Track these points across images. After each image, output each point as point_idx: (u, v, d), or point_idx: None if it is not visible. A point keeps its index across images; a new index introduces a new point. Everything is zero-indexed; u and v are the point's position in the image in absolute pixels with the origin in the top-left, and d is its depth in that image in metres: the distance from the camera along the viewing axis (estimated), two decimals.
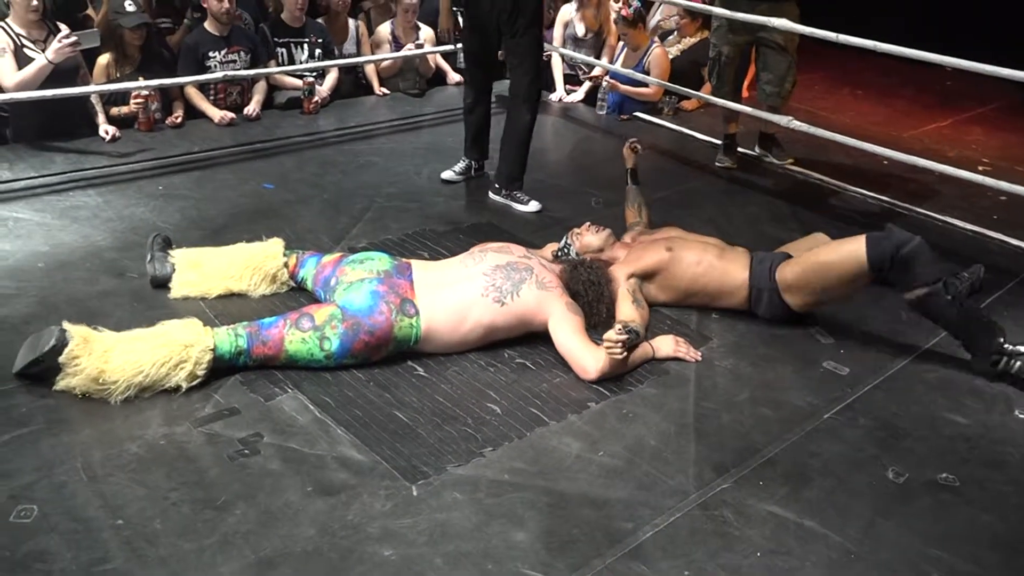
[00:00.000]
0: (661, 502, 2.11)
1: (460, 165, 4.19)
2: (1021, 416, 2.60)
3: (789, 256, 2.94)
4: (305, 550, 1.89)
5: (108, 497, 2.00)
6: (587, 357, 2.57)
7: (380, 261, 2.72)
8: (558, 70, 5.73)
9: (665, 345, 2.76)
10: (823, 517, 2.11)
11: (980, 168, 4.53)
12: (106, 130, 4.26)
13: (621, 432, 2.38)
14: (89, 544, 1.87)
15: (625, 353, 2.54)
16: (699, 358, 2.75)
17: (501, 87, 4.48)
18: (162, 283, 2.89)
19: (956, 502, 2.22)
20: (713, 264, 2.95)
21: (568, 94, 5.68)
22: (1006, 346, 2.70)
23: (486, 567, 1.88)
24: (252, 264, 2.91)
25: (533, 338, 2.74)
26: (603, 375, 2.56)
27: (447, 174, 4.15)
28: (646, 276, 2.96)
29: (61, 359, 2.28)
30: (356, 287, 2.59)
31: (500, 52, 4.01)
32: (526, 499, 2.09)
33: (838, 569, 1.96)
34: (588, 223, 3.17)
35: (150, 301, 2.85)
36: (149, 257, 2.92)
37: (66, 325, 2.33)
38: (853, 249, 2.68)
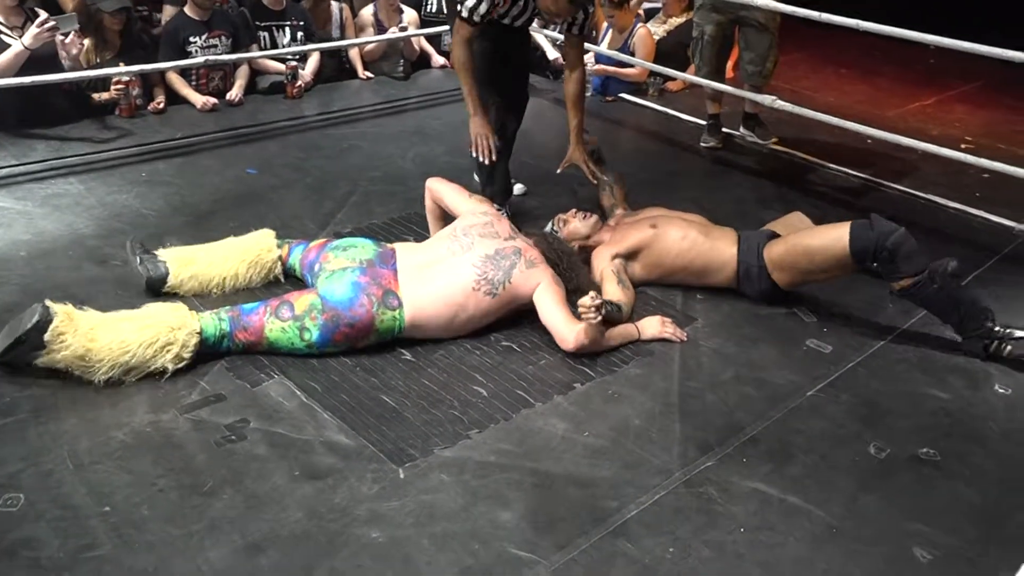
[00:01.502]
0: (646, 481, 2.13)
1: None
2: (1001, 391, 2.63)
3: (775, 235, 2.96)
4: (293, 533, 1.90)
5: (95, 484, 2.00)
6: (567, 327, 2.58)
7: (364, 249, 2.70)
8: (544, 42, 5.68)
9: (651, 326, 2.77)
10: (806, 493, 2.13)
11: (963, 146, 4.56)
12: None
13: (606, 412, 2.40)
14: (77, 531, 1.87)
15: (599, 318, 2.51)
16: (684, 338, 2.77)
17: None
18: (158, 285, 2.75)
19: (937, 476, 2.25)
20: (698, 240, 2.96)
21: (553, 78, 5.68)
22: (996, 329, 2.71)
23: (473, 547, 1.90)
24: (248, 258, 2.84)
25: (519, 321, 2.75)
26: (582, 347, 2.57)
27: None
28: (631, 255, 2.98)
29: (46, 336, 2.25)
30: (338, 276, 2.57)
31: None
32: (512, 480, 2.11)
33: (821, 544, 1.98)
34: (575, 209, 3.17)
35: (134, 288, 2.83)
36: (138, 261, 2.78)
37: (48, 303, 2.29)
38: (837, 237, 2.68)
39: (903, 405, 2.53)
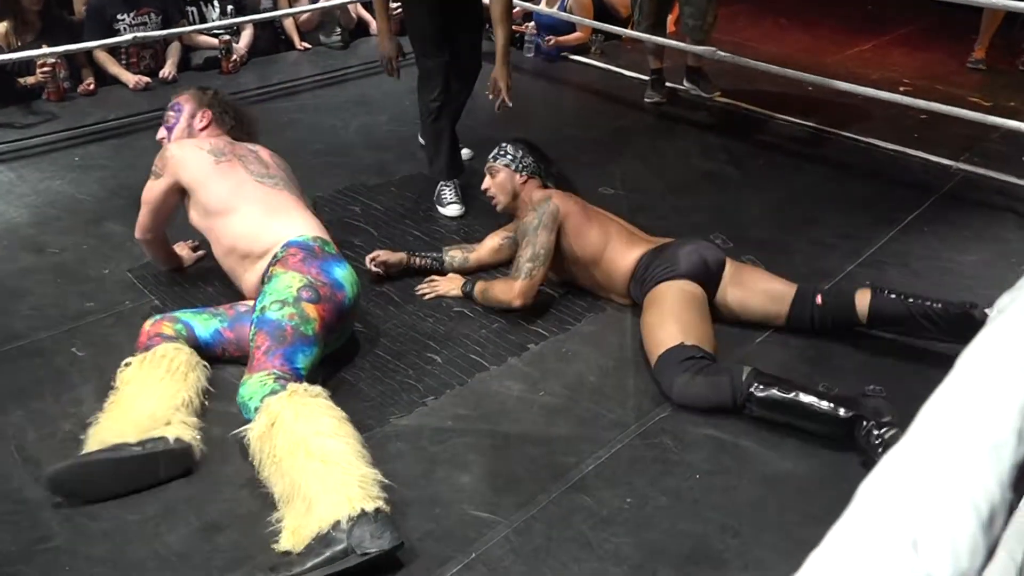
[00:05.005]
0: (602, 435, 2.16)
1: (453, 192, 3.36)
2: None
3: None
4: (251, 511, 1.89)
5: None
6: None
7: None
8: None
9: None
10: (758, 436, 2.17)
11: (901, 88, 4.62)
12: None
13: (561, 371, 2.41)
14: (29, 524, 1.84)
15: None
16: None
17: None
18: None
19: None
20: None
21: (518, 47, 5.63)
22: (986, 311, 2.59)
23: (433, 511, 1.91)
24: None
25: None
26: None
27: (452, 210, 3.32)
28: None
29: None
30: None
31: None
32: (470, 443, 2.12)
33: (774, 485, 2.03)
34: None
35: (73, 276, 2.77)
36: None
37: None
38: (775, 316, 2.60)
39: (850, 345, 2.58)
